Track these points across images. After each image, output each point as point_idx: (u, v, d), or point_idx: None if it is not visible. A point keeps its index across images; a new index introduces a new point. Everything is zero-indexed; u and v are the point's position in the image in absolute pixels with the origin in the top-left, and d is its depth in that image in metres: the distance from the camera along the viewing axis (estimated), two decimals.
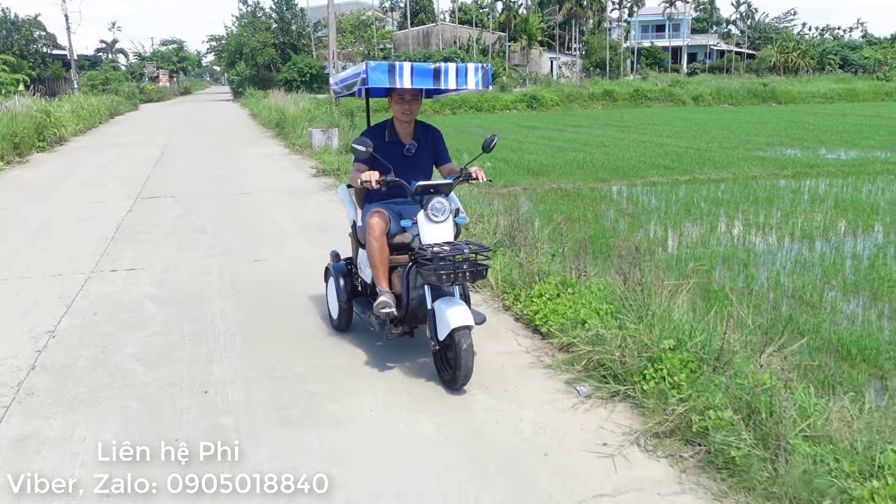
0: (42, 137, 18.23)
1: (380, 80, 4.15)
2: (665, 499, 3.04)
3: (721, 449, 3.18)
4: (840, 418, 3.26)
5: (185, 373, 4.38)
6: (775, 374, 3.49)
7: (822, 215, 9.89)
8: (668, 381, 3.69)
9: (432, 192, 4.20)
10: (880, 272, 7.08)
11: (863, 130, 24.15)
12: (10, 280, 6.48)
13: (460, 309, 3.96)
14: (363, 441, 3.58)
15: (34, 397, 4.05)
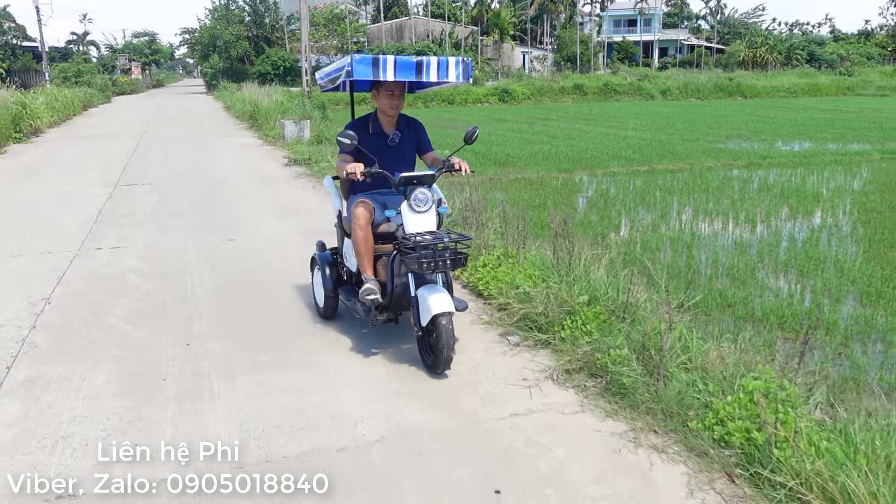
0: (18, 129, 18.61)
1: (364, 73, 4.27)
2: (567, 416, 3.75)
3: (616, 378, 3.90)
4: (718, 355, 3.97)
5: (169, 330, 5.02)
6: (668, 322, 4.20)
7: (767, 203, 10.45)
8: (582, 329, 4.40)
9: (415, 184, 4.33)
10: (810, 253, 7.63)
11: (820, 124, 24.90)
12: (2, 257, 7.04)
13: (442, 296, 4.10)
14: (325, 378, 4.25)
15: (37, 349, 4.67)
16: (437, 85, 4.86)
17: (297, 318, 5.30)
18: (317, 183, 11.39)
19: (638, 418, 3.66)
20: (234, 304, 5.59)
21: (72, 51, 74.38)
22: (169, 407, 3.86)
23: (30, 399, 3.97)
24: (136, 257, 6.97)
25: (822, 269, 6.96)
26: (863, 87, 50.97)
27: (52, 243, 7.52)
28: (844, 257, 7.32)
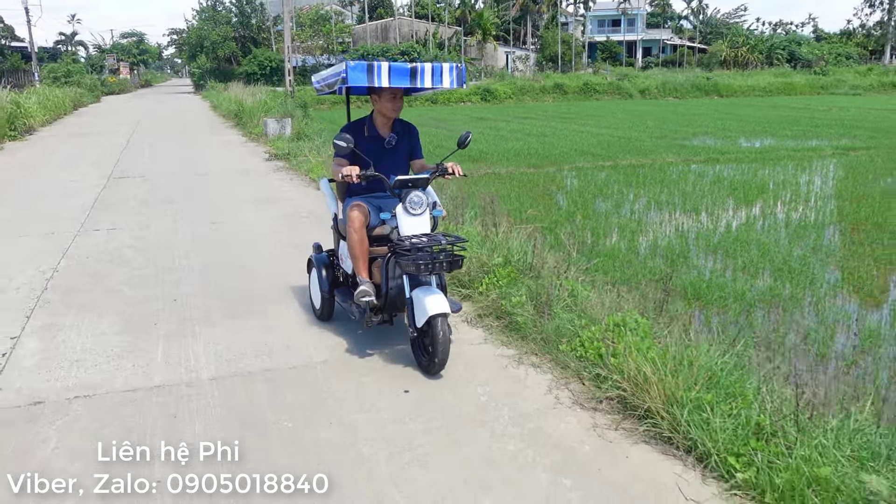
0: (13, 127, 19.53)
1: (359, 79, 4.35)
2: (473, 347, 4.82)
3: (514, 318, 4.96)
4: (599, 302, 5.00)
5: (160, 291, 6.04)
6: (558, 275, 5.26)
7: (716, 194, 11.23)
8: (495, 284, 5.44)
9: (410, 186, 4.42)
10: (740, 237, 8.43)
11: (785, 122, 25.81)
12: (11, 237, 8.05)
13: (437, 297, 4.20)
14: (285, 321, 5.30)
15: (50, 304, 5.69)
16: (431, 90, 4.91)
17: (267, 282, 6.34)
18: (294, 175, 12.43)
19: (525, 346, 4.73)
20: (213, 273, 6.63)
21: (60, 51, 74.99)
22: (160, 342, 4.90)
23: (47, 338, 4.98)
24: (130, 237, 7.99)
25: (747, 250, 7.74)
26: (836, 86, 51.96)
27: (55, 226, 8.53)
28: (770, 240, 8.14)
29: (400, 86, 4.51)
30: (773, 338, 5.21)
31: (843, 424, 3.14)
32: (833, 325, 5.62)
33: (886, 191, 11.30)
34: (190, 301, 5.76)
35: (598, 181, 12.64)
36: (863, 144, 18.06)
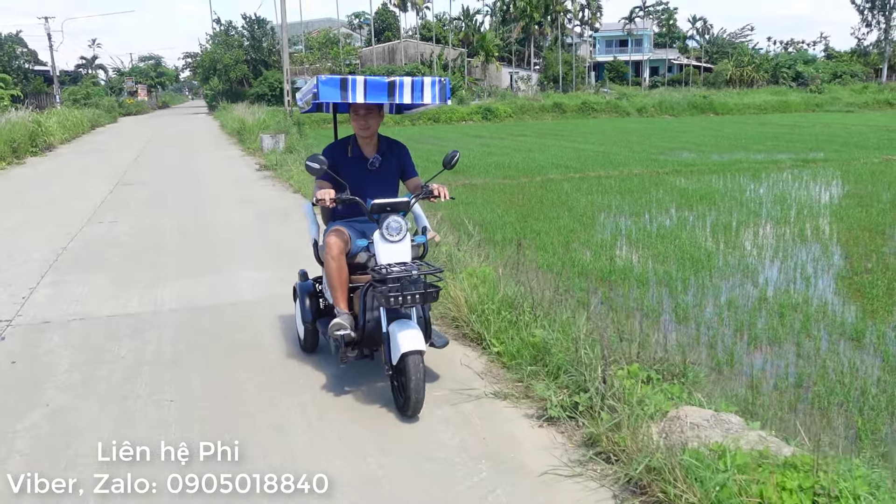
0: (35, 144, 21.44)
1: (331, 94, 4.03)
2: None
3: None
4: (470, 262, 6.53)
5: (147, 260, 7.81)
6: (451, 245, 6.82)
7: (663, 201, 12.26)
8: None
9: (389, 211, 4.11)
10: (662, 233, 9.54)
11: (765, 137, 26.69)
12: (32, 228, 9.86)
13: (413, 333, 3.90)
14: (236, 276, 6.92)
15: (59, 270, 7.44)
16: (419, 107, 4.69)
17: (234, 250, 8.04)
18: (277, 182, 14.18)
19: None
20: (190, 250, 8.38)
21: (81, 74, 77.86)
22: (137, 291, 6.62)
23: (55, 288, 6.74)
24: (127, 227, 9.75)
25: (665, 244, 8.76)
26: (831, 103, 52.73)
27: (66, 219, 10.31)
28: (687, 236, 9.24)
29: (376, 101, 4.19)
30: (609, 297, 6.75)
31: (563, 317, 4.80)
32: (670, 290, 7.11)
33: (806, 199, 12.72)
34: (166, 268, 7.48)
35: (560, 189, 13.52)
36: (822, 157, 19.08)
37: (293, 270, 6.69)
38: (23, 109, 24.10)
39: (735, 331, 5.93)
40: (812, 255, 8.38)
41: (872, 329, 5.83)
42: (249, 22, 55.67)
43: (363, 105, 4.41)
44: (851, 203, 11.56)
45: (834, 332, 5.82)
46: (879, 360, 5.26)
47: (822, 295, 6.90)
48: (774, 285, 7.22)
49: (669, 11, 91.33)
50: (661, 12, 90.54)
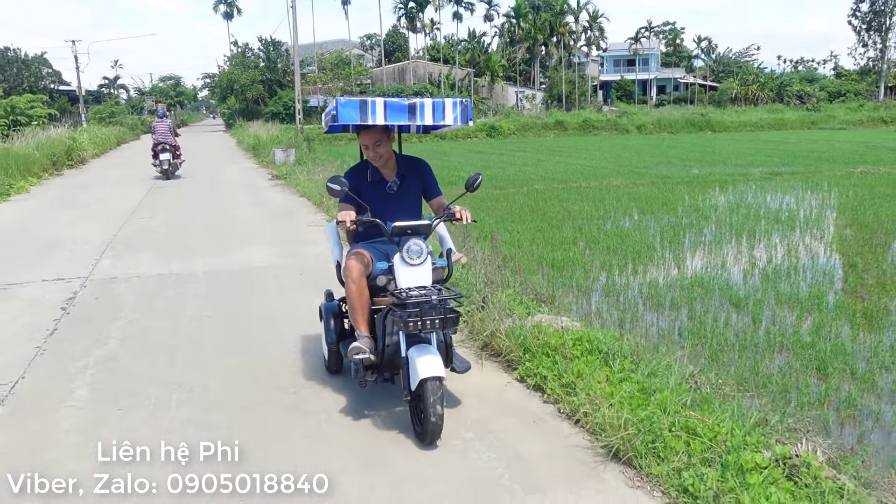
0: (70, 158, 23.75)
1: (350, 116, 4.00)
2: None
3: None
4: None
5: (181, 243, 10.03)
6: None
7: (625, 206, 13.52)
8: None
9: (409, 233, 4.08)
10: (617, 233, 10.64)
11: (748, 153, 27.41)
12: (84, 222, 12.13)
13: (431, 359, 3.86)
14: (254, 252, 8.94)
15: (114, 249, 9.67)
16: (443, 128, 4.70)
17: (249, 237, 10.18)
18: (286, 189, 16.44)
19: None
20: (214, 236, 10.59)
21: (103, 93, 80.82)
22: (177, 261, 8.84)
23: (114, 259, 8.97)
24: (162, 222, 11.99)
25: (617, 240, 9.96)
26: (826, 121, 53.35)
27: (112, 216, 12.59)
28: (639, 235, 10.53)
29: (397, 122, 4.15)
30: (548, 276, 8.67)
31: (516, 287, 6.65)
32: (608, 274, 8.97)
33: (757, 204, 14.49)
34: (196, 248, 9.68)
35: (540, 198, 14.52)
36: (790, 171, 20.04)
37: (291, 248, 8.80)
38: (60, 127, 26.41)
39: (645, 299, 7.28)
40: (736, 249, 9.63)
41: (755, 300, 7.19)
42: (265, 44, 58.29)
43: (370, 137, 4.42)
44: (793, 208, 13.06)
45: (725, 301, 7.23)
46: (749, 319, 6.66)
47: (728, 277, 8.17)
48: (694, 270, 8.49)
49: (676, 31, 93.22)
50: (667, 32, 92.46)
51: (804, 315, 6.68)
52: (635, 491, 3.44)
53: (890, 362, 5.46)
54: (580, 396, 4.16)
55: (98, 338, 5.85)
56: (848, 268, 8.66)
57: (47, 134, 23.77)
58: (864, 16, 67.07)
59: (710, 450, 3.43)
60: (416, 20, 72.31)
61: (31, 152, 19.49)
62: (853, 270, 8.48)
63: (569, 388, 4.38)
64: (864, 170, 20.39)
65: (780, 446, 3.43)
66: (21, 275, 8.13)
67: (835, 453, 3.54)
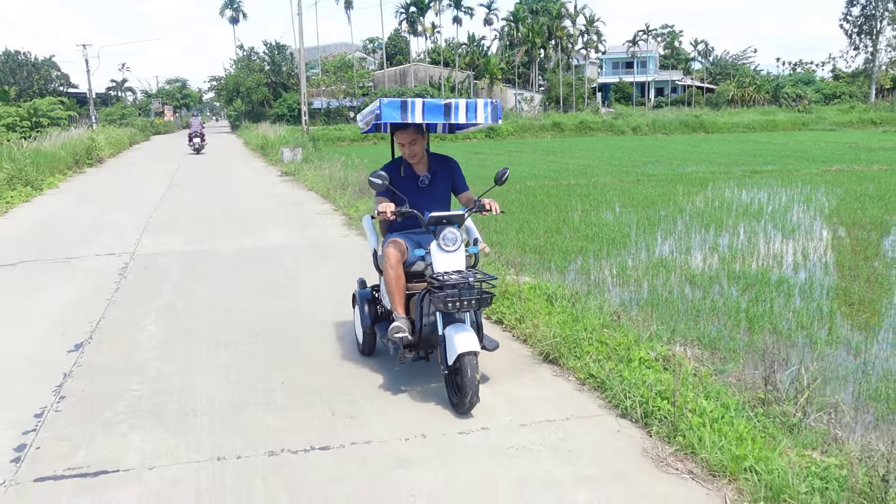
0: (90, 156, 25.22)
1: (393, 116, 4.35)
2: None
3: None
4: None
5: (206, 229, 11.50)
6: None
7: (611, 200, 14.53)
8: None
9: (445, 223, 4.37)
10: (598, 224, 11.46)
11: (734, 153, 28.08)
12: (118, 212, 13.62)
13: (468, 335, 4.17)
14: (269, 234, 10.35)
15: (149, 232, 11.16)
16: (470, 126, 5.06)
17: (265, 223, 11.63)
18: (295, 184, 17.97)
19: None
20: (233, 223, 12.05)
21: (110, 96, 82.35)
22: (205, 242, 10.30)
23: (153, 240, 10.41)
24: (187, 211, 13.52)
25: (596, 230, 10.87)
26: (817, 122, 53.95)
27: (141, 208, 14.10)
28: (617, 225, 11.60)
29: (434, 121, 4.51)
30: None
31: None
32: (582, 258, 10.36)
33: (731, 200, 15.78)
34: (219, 232, 11.15)
35: (529, 193, 15.32)
36: (770, 169, 20.85)
37: (304, 232, 10.22)
38: (81, 127, 27.90)
39: (612, 276, 8.26)
40: (702, 237, 10.51)
41: (708, 277, 8.09)
42: (270, 48, 59.83)
43: (406, 136, 4.79)
44: (763, 202, 14.08)
45: (682, 278, 8.25)
46: (701, 293, 7.67)
47: (690, 259, 9.01)
48: (661, 254, 9.36)
49: (674, 34, 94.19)
50: (665, 35, 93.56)
51: (748, 289, 7.68)
52: (557, 378, 4.87)
53: (808, 323, 6.47)
54: (528, 324, 5.58)
55: (153, 294, 7.32)
56: (797, 250, 9.53)
57: (69, 135, 25.24)
58: (855, 19, 68.27)
59: (613, 351, 4.85)
60: (418, 24, 73.79)
61: (57, 151, 20.98)
62: (801, 252, 9.38)
63: (521, 319, 5.81)
64: (839, 168, 21.24)
65: (661, 347, 4.86)
66: (75, 251, 9.62)
67: (706, 357, 4.96)
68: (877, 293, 7.46)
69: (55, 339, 5.86)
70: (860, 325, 6.48)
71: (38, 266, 8.77)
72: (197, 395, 4.64)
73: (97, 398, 4.59)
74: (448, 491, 3.43)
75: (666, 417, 3.87)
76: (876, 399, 4.79)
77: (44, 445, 3.93)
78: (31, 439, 4.01)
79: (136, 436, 4.03)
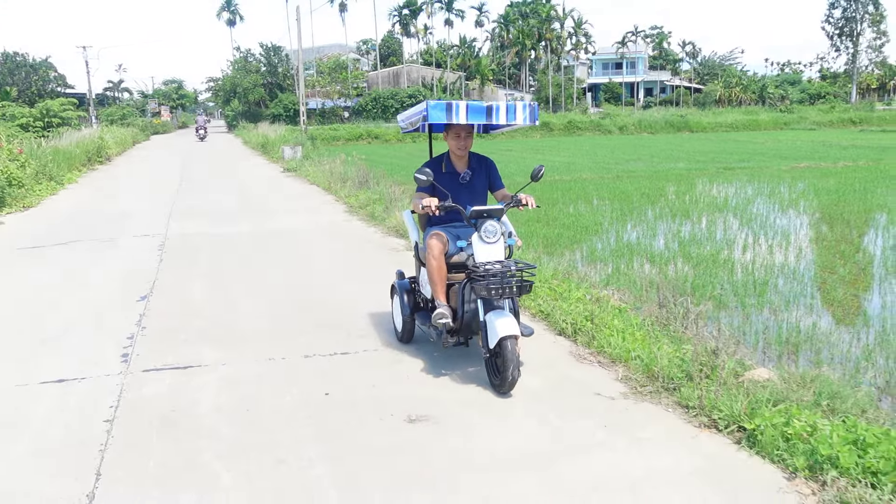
0: (100, 155, 26.66)
1: (438, 117, 4.69)
2: None
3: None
4: None
5: (225, 216, 12.97)
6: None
7: (589, 194, 15.69)
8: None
9: (485, 217, 4.66)
10: (575, 214, 13.06)
11: (713, 152, 28.98)
12: (142, 203, 15.12)
13: (508, 320, 4.45)
14: (276, 216, 11.86)
15: (175, 218, 12.67)
16: (507, 127, 5.33)
17: (276, 210, 13.14)
18: (297, 179, 19.54)
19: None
20: (242, 209, 13.55)
21: (108, 96, 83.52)
22: (226, 226, 11.80)
23: (180, 224, 11.90)
24: (204, 203, 14.99)
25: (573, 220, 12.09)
26: (798, 122, 55.16)
27: (162, 199, 15.64)
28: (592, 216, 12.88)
29: (477, 122, 4.78)
30: None
31: None
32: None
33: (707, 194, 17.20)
34: (237, 218, 12.63)
35: (515, 188, 16.18)
36: (742, 166, 21.76)
37: (311, 217, 11.73)
38: (94, 126, 29.34)
39: (582, 257, 9.24)
40: (668, 225, 11.34)
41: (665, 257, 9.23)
42: (266, 49, 61.21)
43: (463, 128, 5.10)
44: (729, 195, 15.27)
45: (643, 259, 9.40)
46: (657, 270, 8.84)
47: (652, 243, 9.99)
48: (628, 240, 10.29)
49: (662, 35, 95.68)
50: (654, 36, 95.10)
51: (698, 266, 8.52)
52: None
53: (743, 293, 7.55)
54: None
55: (192, 262, 8.89)
56: (749, 236, 10.40)
57: (81, 134, 26.70)
58: (836, 22, 70.06)
59: (559, 294, 6.39)
60: (410, 26, 75.31)
61: (72, 150, 22.44)
62: (753, 238, 10.25)
63: None
64: (807, 164, 22.31)
65: (594, 291, 6.40)
66: (113, 234, 11.14)
67: (629, 299, 6.51)
68: (813, 271, 8.48)
69: (125, 293, 7.41)
70: (783, 292, 7.60)
71: (88, 244, 10.30)
72: (245, 326, 6.20)
73: (169, 329, 6.14)
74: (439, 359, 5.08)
75: (589, 332, 5.41)
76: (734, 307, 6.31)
77: (142, 353, 5.48)
78: (130, 350, 5.56)
79: (206, 348, 5.58)
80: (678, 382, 4.39)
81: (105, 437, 4.06)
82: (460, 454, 3.82)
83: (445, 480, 3.55)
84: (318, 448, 3.89)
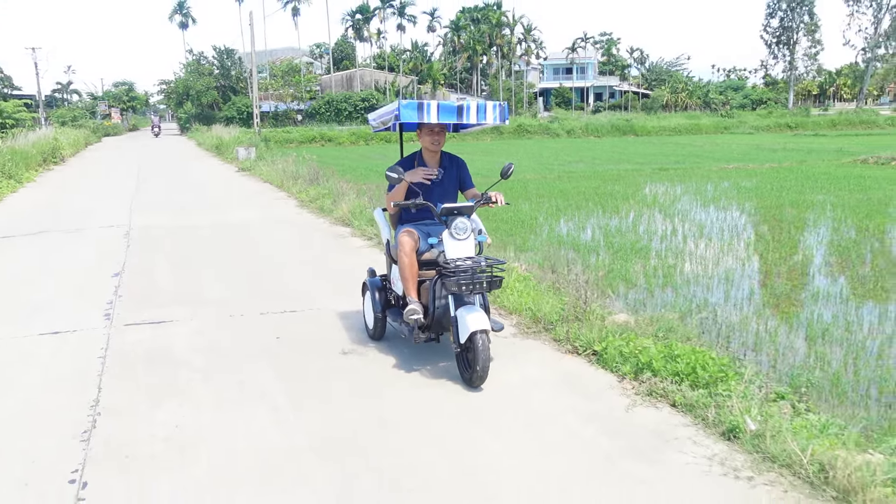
0: (55, 155, 27.16)
1: (410, 116, 4.76)
2: None
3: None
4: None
5: (184, 210, 13.85)
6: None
7: (530, 192, 16.66)
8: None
9: (456, 214, 4.75)
10: (515, 211, 14.11)
11: (652, 154, 30.33)
12: (102, 200, 15.89)
13: (479, 315, 4.54)
14: (238, 208, 12.86)
15: (136, 212, 13.52)
16: (477, 126, 5.36)
17: (231, 205, 14.06)
18: (251, 178, 20.45)
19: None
20: (204, 206, 14.48)
21: (56, 98, 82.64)
22: (186, 218, 12.72)
23: (142, 218, 12.77)
24: (163, 199, 15.85)
25: (510, 216, 14.17)
26: (738, 126, 56.77)
27: (122, 196, 16.45)
28: (529, 212, 14.09)
29: (448, 121, 4.87)
30: None
31: None
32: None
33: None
34: (195, 212, 13.56)
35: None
36: (676, 167, 23.03)
37: (265, 212, 12.75)
38: (43, 128, 29.77)
39: (515, 246, 9.74)
40: (598, 220, 12.21)
41: (590, 247, 11.39)
42: (220, 52, 61.57)
43: (438, 125, 5.11)
44: (658, 192, 16.47)
45: (570, 248, 10.44)
46: (580, 257, 10.05)
47: (580, 235, 10.92)
48: (559, 232, 11.16)
49: (611, 41, 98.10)
50: (603, 42, 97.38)
51: (617, 253, 9.75)
52: None
53: (662, 279, 8.68)
54: None
55: (157, 248, 9.89)
56: (668, 228, 11.35)
57: (36, 135, 27.18)
58: (774, 31, 72.87)
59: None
60: (363, 30, 76.31)
61: (29, 150, 23.00)
62: (671, 229, 11.21)
63: None
64: (736, 166, 23.55)
65: (525, 274, 7.59)
66: (80, 225, 12.01)
67: (535, 272, 7.72)
68: (718, 256, 9.63)
69: (100, 271, 8.42)
70: (691, 272, 9.00)
71: (56, 234, 11.17)
72: (209, 295, 7.28)
73: (143, 296, 7.20)
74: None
75: (495, 293, 6.58)
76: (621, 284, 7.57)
77: (121, 313, 6.55)
78: (111, 311, 6.62)
79: (177, 309, 6.68)
80: (555, 324, 5.61)
81: (101, 368, 5.15)
82: (384, 375, 4.97)
83: (373, 393, 4.70)
84: (271, 373, 5.03)
